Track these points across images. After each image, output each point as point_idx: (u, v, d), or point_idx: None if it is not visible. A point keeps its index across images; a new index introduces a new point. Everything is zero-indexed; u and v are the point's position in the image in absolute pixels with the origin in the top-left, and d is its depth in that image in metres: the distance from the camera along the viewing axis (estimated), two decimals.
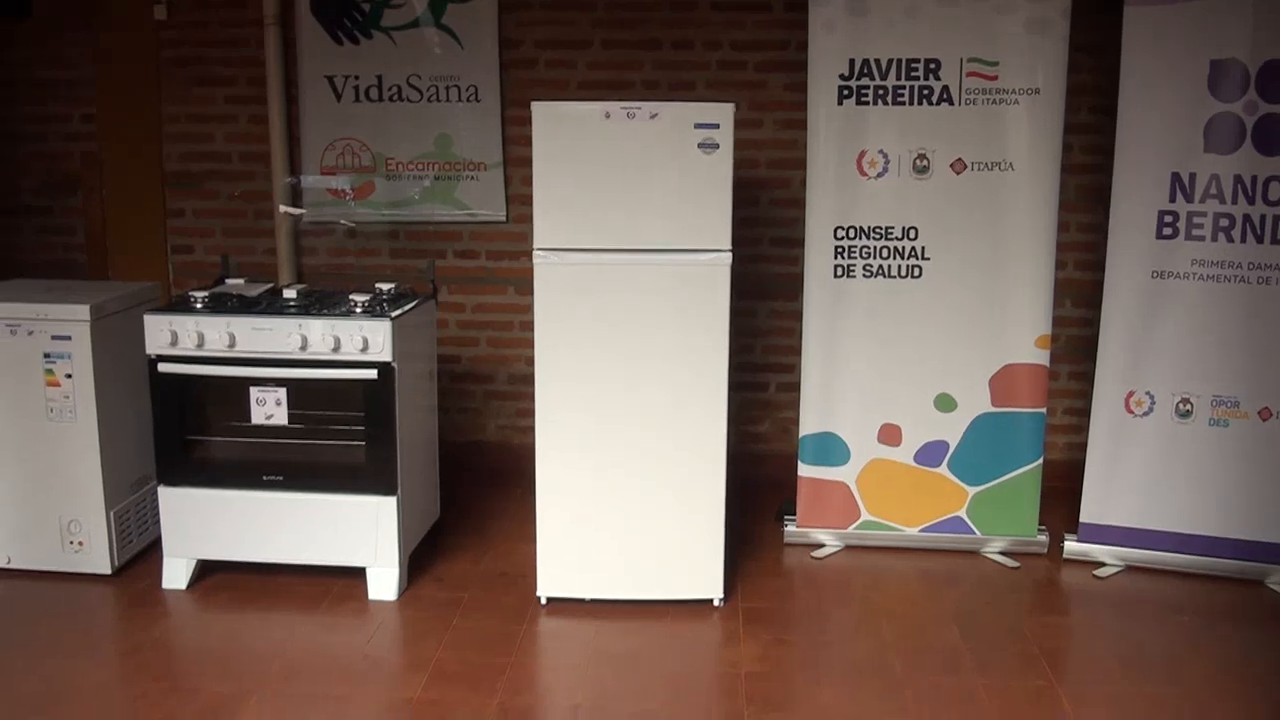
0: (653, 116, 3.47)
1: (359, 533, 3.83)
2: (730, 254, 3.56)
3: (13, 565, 4.02)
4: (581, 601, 3.79)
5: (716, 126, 3.47)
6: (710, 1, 4.74)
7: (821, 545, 4.31)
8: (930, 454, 4.24)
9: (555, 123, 3.51)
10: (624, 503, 3.70)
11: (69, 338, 3.84)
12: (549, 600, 3.80)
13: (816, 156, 4.10)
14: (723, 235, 3.54)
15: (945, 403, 4.19)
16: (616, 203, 3.53)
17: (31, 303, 3.88)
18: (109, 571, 4.00)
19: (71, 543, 3.98)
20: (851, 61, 4.03)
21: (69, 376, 3.86)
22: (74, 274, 5.18)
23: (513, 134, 4.81)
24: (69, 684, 3.31)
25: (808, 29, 4.04)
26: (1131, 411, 4.06)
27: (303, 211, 4.82)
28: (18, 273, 4.81)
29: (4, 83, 5.13)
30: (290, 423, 3.84)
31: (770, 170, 4.82)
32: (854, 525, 4.31)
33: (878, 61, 4.02)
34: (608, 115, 3.48)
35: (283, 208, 4.80)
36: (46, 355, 3.86)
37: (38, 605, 3.85)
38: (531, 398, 3.68)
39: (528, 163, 3.57)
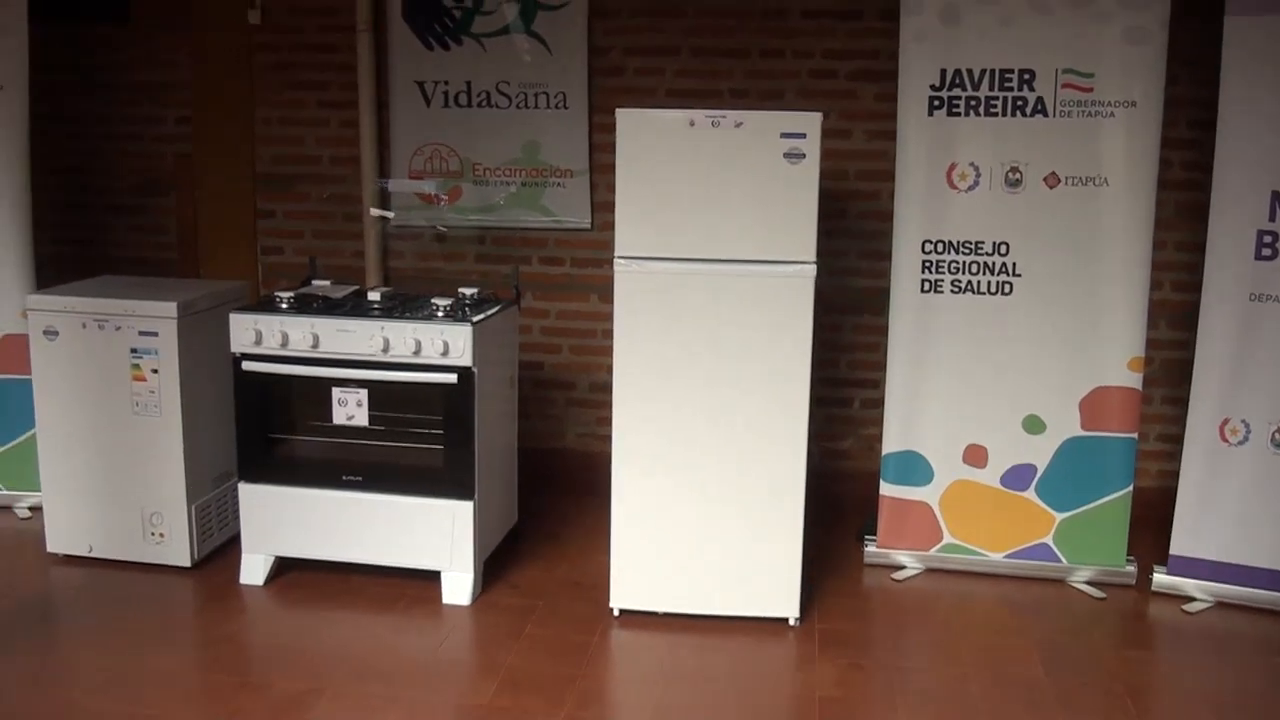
0: (738, 125, 3.43)
1: (435, 536, 3.84)
2: (815, 266, 3.50)
3: (95, 554, 4.11)
4: (655, 615, 3.75)
5: (803, 136, 3.42)
6: (801, 9, 4.68)
7: (902, 567, 4.22)
8: (1017, 477, 4.12)
9: (639, 130, 3.49)
10: (701, 516, 3.66)
11: (156, 334, 3.91)
12: (622, 612, 3.76)
13: (906, 168, 4.02)
14: (808, 247, 3.49)
15: (1033, 424, 4.07)
16: (700, 212, 3.50)
17: (120, 298, 3.97)
18: (188, 564, 4.06)
19: (153, 534, 4.06)
20: (943, 71, 3.95)
21: (155, 372, 3.93)
22: (166, 272, 5.27)
23: (600, 141, 4.80)
24: (142, 674, 3.37)
25: (899, 38, 3.98)
26: (1226, 440, 3.91)
27: (391, 215, 4.85)
28: (111, 269, 4.92)
29: (103, 85, 5.26)
30: (370, 424, 3.87)
31: (859, 182, 4.75)
32: (936, 548, 4.21)
33: (970, 72, 3.94)
34: (692, 123, 3.45)
35: (373, 210, 4.84)
36: (134, 350, 3.94)
37: (117, 594, 3.93)
38: (612, 406, 3.66)
39: (614, 170, 3.55)
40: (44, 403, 4.06)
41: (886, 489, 4.21)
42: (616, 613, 3.76)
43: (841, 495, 4.76)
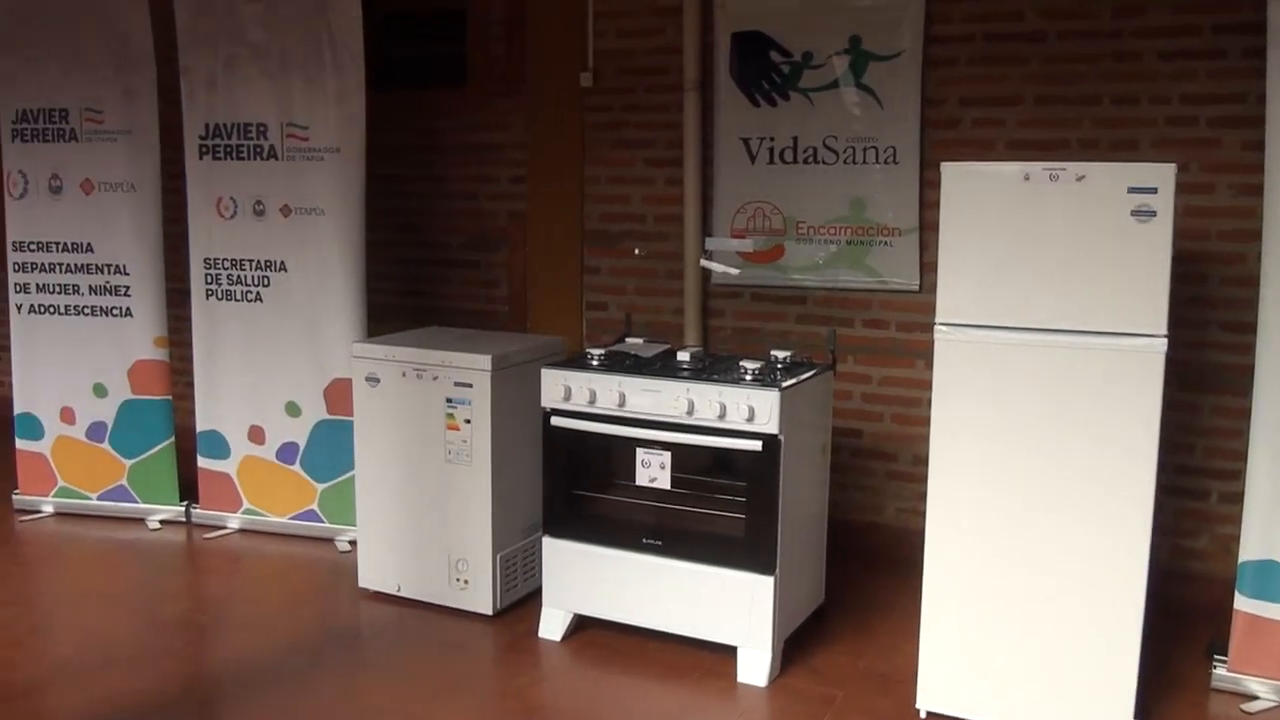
0: (1079, 179, 3.08)
1: (733, 610, 3.68)
2: (1165, 340, 3.08)
3: (402, 593, 4.26)
4: None
5: (1154, 191, 3.02)
6: (1157, 50, 4.23)
7: (1255, 698, 3.60)
8: None
9: (967, 184, 3.21)
10: (1023, 613, 3.28)
11: (470, 385, 4.01)
12: (929, 715, 3.43)
13: (1276, 228, 3.48)
14: (1157, 317, 3.07)
15: None
16: (1033, 275, 3.16)
17: (439, 349, 4.11)
18: (490, 613, 4.11)
19: (458, 580, 4.14)
20: None
21: (468, 422, 4.02)
22: (497, 325, 5.48)
23: (931, 198, 4.52)
24: (427, 715, 3.42)
25: (1266, 78, 3.47)
26: None
27: (724, 269, 4.75)
28: (445, 321, 5.14)
29: (442, 147, 5.57)
30: (673, 487, 3.78)
31: (1222, 243, 4.20)
32: None
33: None
34: (1027, 177, 3.13)
35: (703, 262, 4.78)
36: (449, 400, 4.05)
37: (419, 636, 4.03)
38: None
39: None
40: (363, 445, 4.26)
41: (1242, 602, 3.61)
42: (923, 715, 3.44)
43: (1190, 601, 4.17)
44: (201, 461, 5.13)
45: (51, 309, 5.22)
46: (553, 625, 3.97)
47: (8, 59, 5.19)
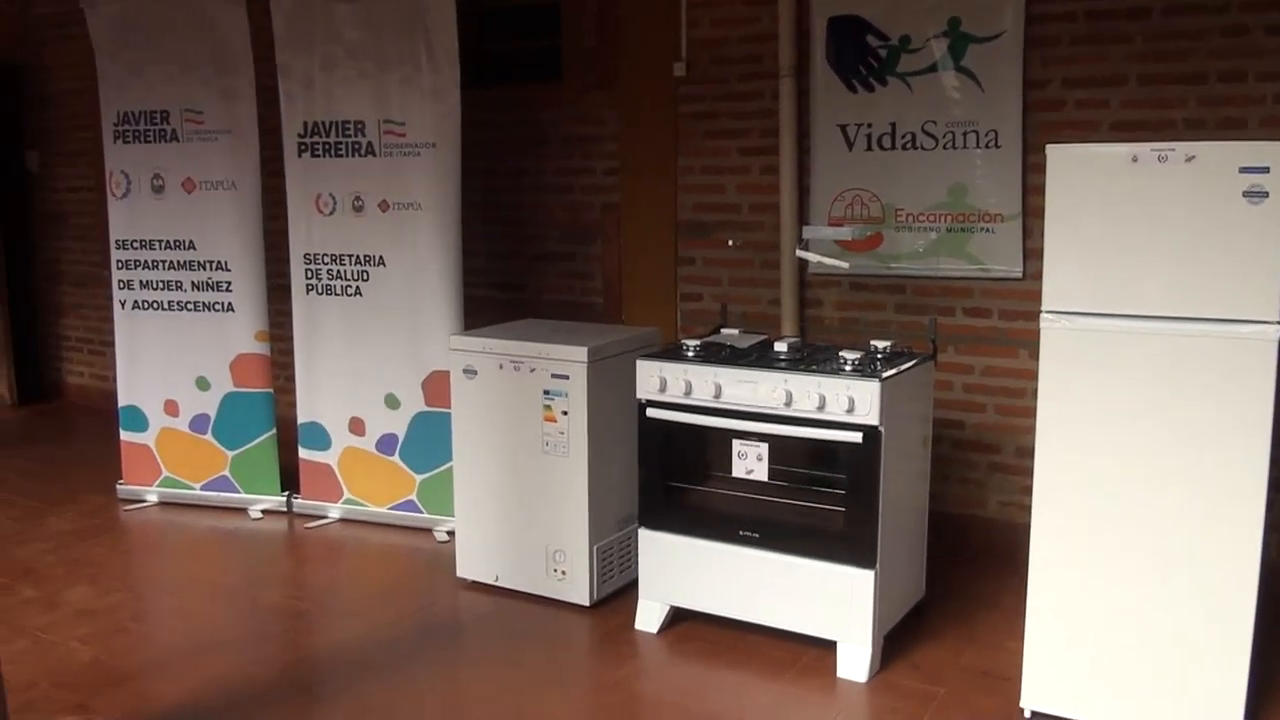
0: (1189, 159, 2.98)
1: (831, 604, 3.65)
2: (1278, 327, 2.97)
3: (500, 583, 4.31)
4: None
5: (1266, 170, 2.90)
6: (1264, 24, 4.07)
7: None
8: None
9: (1072, 167, 3.13)
10: (1131, 611, 3.19)
11: (567, 377, 4.04)
12: (1034, 715, 3.36)
13: None
14: (1269, 303, 2.95)
15: None
16: (1141, 260, 3.07)
17: (535, 341, 4.14)
18: (587, 604, 4.14)
19: (555, 570, 4.18)
20: None
21: (565, 414, 4.05)
22: (592, 317, 5.50)
23: (1034, 183, 4.44)
24: (527, 713, 3.44)
25: None
26: None
27: (820, 259, 4.70)
28: (539, 313, 5.19)
29: (538, 139, 5.60)
30: (770, 479, 3.76)
31: None
32: None
33: None
34: (1135, 158, 3.04)
35: (800, 252, 4.73)
36: (546, 392, 4.08)
37: (517, 626, 4.08)
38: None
39: None
40: (461, 436, 4.32)
41: None
42: (1028, 714, 3.36)
43: None
44: (303, 453, 5.25)
45: (154, 305, 5.39)
46: (649, 617, 3.98)
47: (111, 64, 5.38)
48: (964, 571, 4.50)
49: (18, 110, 7.73)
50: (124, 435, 5.54)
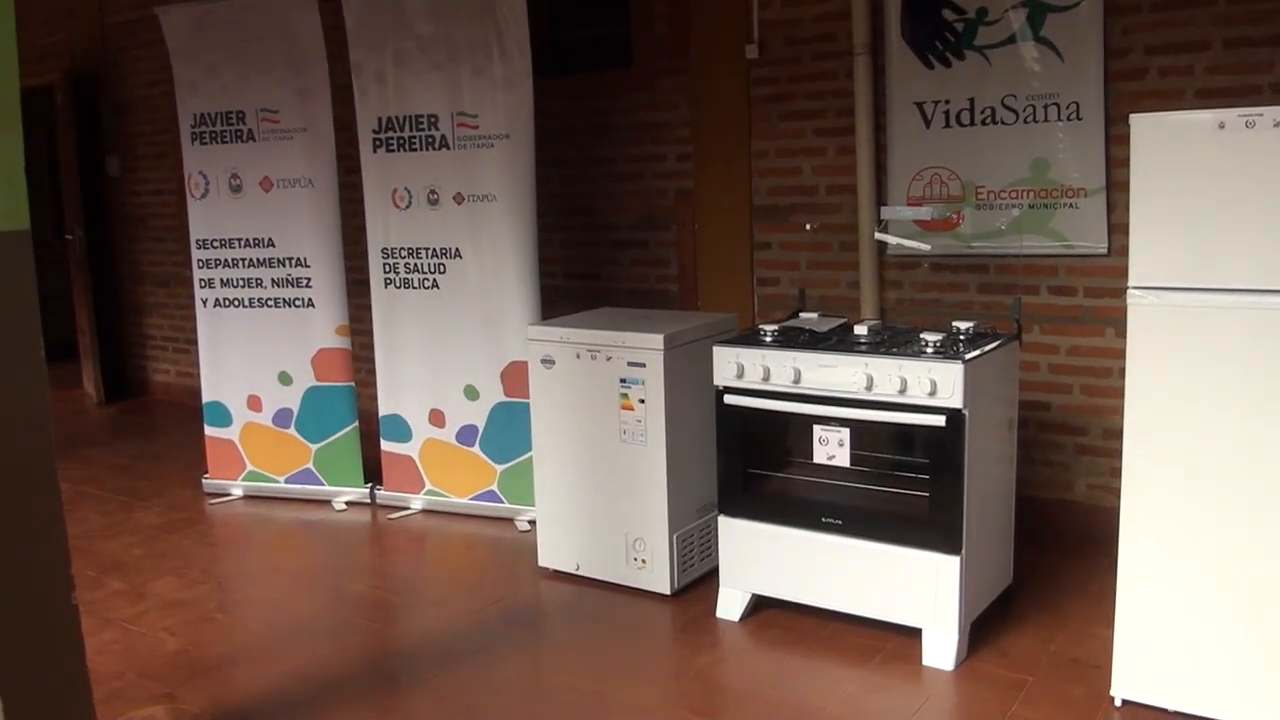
0: (1277, 124, 2.89)
1: (916, 591, 3.62)
2: None
3: (581, 572, 4.35)
4: (1165, 712, 3.23)
5: None
6: None
7: None
8: None
9: (1157, 136, 3.05)
10: (1228, 597, 3.11)
11: (644, 365, 4.05)
12: (1124, 703, 3.30)
13: None
14: None
15: None
16: (1231, 232, 2.99)
17: (611, 330, 4.16)
18: (668, 592, 4.16)
19: (635, 559, 4.20)
20: None
21: (642, 402, 4.06)
22: (667, 304, 5.51)
23: (1117, 155, 4.35)
24: (608, 701, 3.46)
25: None
26: None
27: (899, 240, 4.64)
28: (615, 301, 5.21)
29: (611, 127, 5.62)
30: (852, 464, 3.73)
31: None
32: None
33: None
34: (1222, 125, 2.96)
35: (878, 234, 4.69)
36: (623, 381, 4.10)
37: (598, 615, 4.11)
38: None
39: None
40: (540, 426, 4.36)
41: None
42: (1119, 703, 3.30)
43: None
44: (385, 445, 5.33)
45: (235, 302, 5.51)
46: (731, 605, 3.99)
47: (186, 68, 5.50)
48: (1052, 557, 4.43)
49: (97, 117, 7.94)
50: (208, 430, 5.68)
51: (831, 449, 3.76)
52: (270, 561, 4.87)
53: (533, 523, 4.69)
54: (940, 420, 3.53)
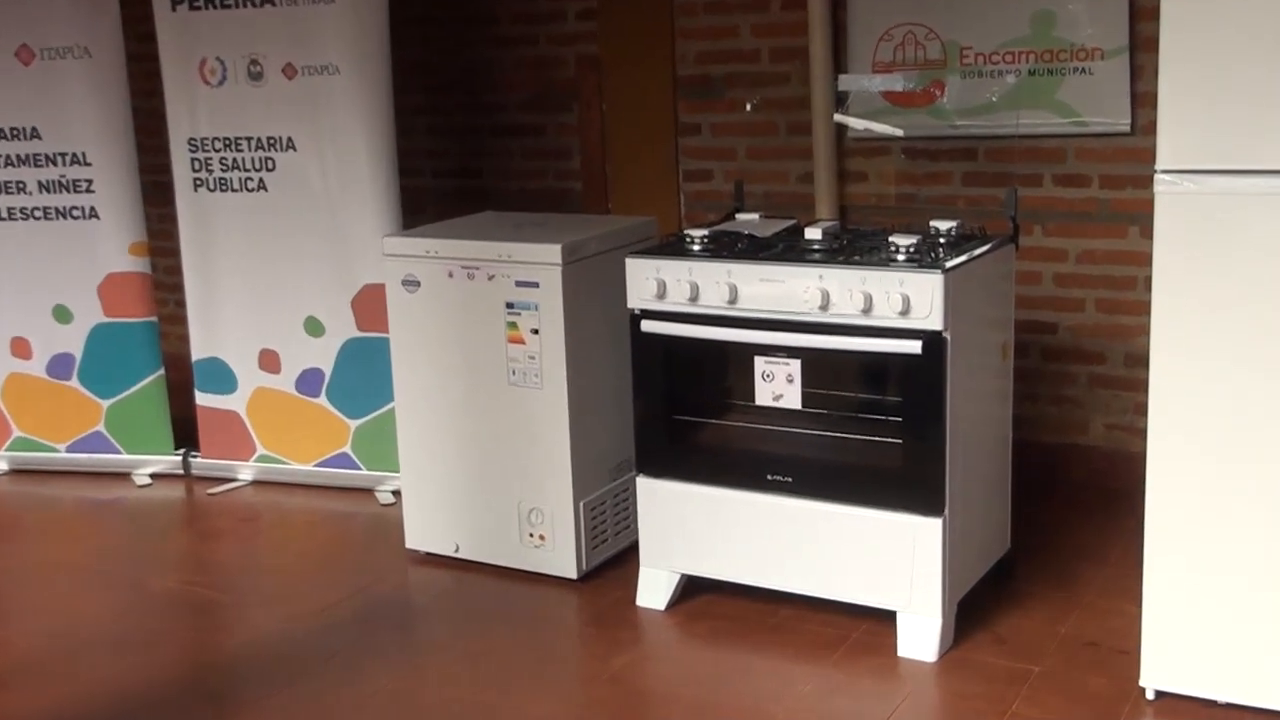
0: None
1: (888, 563, 3.68)
2: None
3: (461, 554, 4.37)
4: (1209, 704, 3.31)
5: None
6: None
7: None
8: None
9: None
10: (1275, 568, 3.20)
11: (537, 284, 4.03)
12: (1158, 695, 3.37)
13: None
14: None
15: None
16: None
17: (496, 241, 4.13)
18: (574, 576, 4.20)
19: (531, 535, 4.22)
20: None
21: (535, 332, 4.06)
22: (568, 206, 5.52)
23: (1144, 6, 4.40)
24: (499, 707, 3.49)
25: None
26: None
27: (867, 124, 4.68)
28: (500, 204, 5.18)
29: None
30: (804, 406, 3.77)
31: None
32: None
33: None
34: None
35: (836, 116, 4.71)
36: (509, 306, 4.08)
37: (484, 608, 4.15)
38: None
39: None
40: (402, 368, 4.35)
41: None
42: (1151, 695, 3.38)
43: None
44: (200, 398, 5.28)
45: None
46: (655, 590, 4.02)
47: None
48: (1061, 516, 4.56)
49: None
50: None
51: (778, 386, 3.78)
52: (48, 555, 4.79)
53: (397, 494, 4.70)
54: (915, 346, 3.56)
